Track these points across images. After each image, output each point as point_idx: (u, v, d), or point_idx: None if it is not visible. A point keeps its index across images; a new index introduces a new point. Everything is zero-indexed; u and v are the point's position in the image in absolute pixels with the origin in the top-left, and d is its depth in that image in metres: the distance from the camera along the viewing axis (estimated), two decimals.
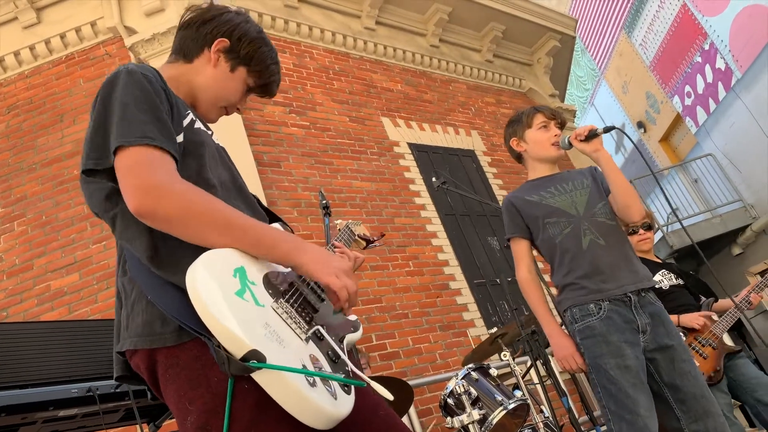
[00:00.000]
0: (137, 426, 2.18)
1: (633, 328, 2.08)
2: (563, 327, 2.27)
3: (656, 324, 2.11)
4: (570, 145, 2.27)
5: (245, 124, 5.00)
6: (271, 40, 5.64)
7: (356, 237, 1.63)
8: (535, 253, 2.38)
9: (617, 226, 2.25)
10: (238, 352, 0.89)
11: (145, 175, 1.02)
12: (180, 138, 1.15)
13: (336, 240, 1.56)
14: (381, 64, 6.76)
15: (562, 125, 2.41)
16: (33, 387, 1.91)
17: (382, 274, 5.07)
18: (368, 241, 1.66)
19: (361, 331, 1.22)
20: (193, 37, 1.34)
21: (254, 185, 4.69)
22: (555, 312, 2.36)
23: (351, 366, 1.06)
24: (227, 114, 1.41)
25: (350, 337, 1.20)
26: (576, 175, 2.37)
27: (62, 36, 5.13)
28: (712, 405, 2.01)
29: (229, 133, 4.80)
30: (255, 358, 0.88)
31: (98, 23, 5.18)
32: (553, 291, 2.45)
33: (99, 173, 1.08)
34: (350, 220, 1.70)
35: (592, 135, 2.20)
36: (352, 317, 1.24)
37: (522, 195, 2.36)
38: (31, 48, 5.08)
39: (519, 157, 2.50)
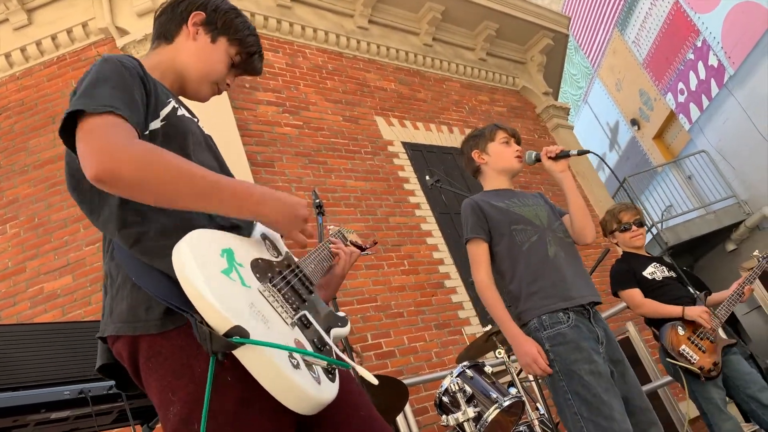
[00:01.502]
0: (131, 427, 2.17)
1: (594, 339, 2.12)
2: None
3: (609, 338, 2.18)
4: (535, 160, 2.34)
5: (238, 125, 4.99)
6: (264, 39, 5.56)
7: (348, 243, 1.62)
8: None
9: (573, 243, 2.34)
10: (221, 328, 0.87)
11: (103, 137, 0.98)
12: (157, 124, 1.14)
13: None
14: (374, 63, 6.76)
15: (518, 144, 2.50)
16: (24, 389, 1.90)
17: (377, 273, 5.07)
18: (361, 249, 1.65)
19: (348, 327, 1.21)
20: (169, 18, 1.35)
21: None
22: None
23: (338, 352, 1.05)
24: (218, 92, 1.40)
25: (337, 331, 1.19)
26: (530, 195, 2.45)
27: (53, 37, 5.10)
28: (654, 415, 2.11)
29: (222, 133, 4.79)
30: (238, 334, 0.87)
31: (90, 24, 5.15)
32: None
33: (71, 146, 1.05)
34: (342, 227, 1.69)
35: (562, 155, 2.27)
36: (341, 313, 1.24)
37: (487, 200, 2.38)
38: (22, 49, 5.06)
39: (476, 171, 2.55)
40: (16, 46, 5.04)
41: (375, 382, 0.97)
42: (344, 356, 1.00)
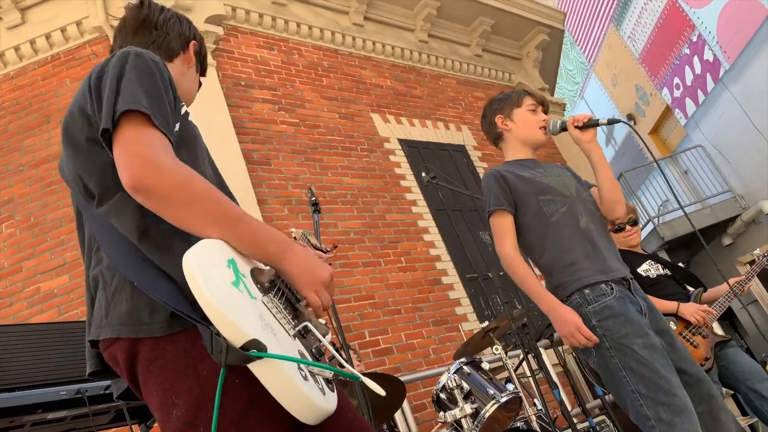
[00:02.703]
0: (128, 427, 2.17)
1: (638, 310, 1.99)
2: None
3: (651, 309, 2.06)
4: (561, 129, 2.21)
5: (234, 122, 4.98)
6: (259, 37, 5.55)
7: (311, 246, 1.63)
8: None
9: (602, 218, 2.21)
10: (238, 341, 0.88)
11: (146, 150, 0.99)
12: (176, 127, 1.14)
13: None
14: (370, 60, 6.75)
15: (546, 113, 2.35)
16: (21, 390, 1.90)
17: (374, 270, 5.07)
18: (322, 252, 1.66)
19: (330, 336, 1.21)
20: (174, 38, 1.37)
21: (244, 183, 4.67)
22: None
23: (340, 359, 1.05)
24: None
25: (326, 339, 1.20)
26: (554, 166, 2.32)
27: (47, 36, 5.08)
28: (713, 387, 1.96)
29: (217, 132, 4.78)
30: (255, 347, 0.87)
31: (84, 23, 5.13)
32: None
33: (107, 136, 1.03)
34: (304, 230, 1.70)
35: (591, 123, 2.13)
36: (321, 321, 1.24)
37: (512, 170, 2.22)
38: (16, 48, 5.03)
39: (498, 137, 2.37)
40: (9, 45, 5.02)
41: (382, 393, 0.98)
42: (352, 369, 1.01)
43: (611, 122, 2.14)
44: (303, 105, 5.69)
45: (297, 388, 0.90)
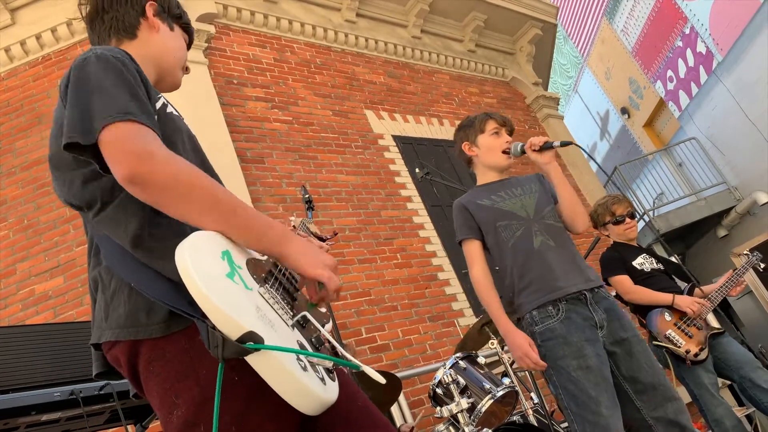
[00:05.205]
0: (123, 427, 2.17)
1: (591, 325, 2.11)
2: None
3: (611, 318, 2.16)
4: (522, 152, 2.34)
5: (227, 121, 4.96)
6: (251, 35, 5.53)
7: (311, 234, 1.62)
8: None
9: (564, 228, 2.33)
10: (234, 334, 0.86)
11: (138, 142, 0.98)
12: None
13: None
14: (363, 57, 6.73)
15: (511, 132, 2.48)
16: (15, 392, 1.89)
17: (370, 267, 5.06)
18: (321, 239, 1.65)
19: (330, 325, 1.21)
20: (125, 12, 1.32)
21: (238, 182, 4.66)
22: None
23: (340, 349, 1.05)
24: (186, 72, 1.43)
25: (326, 328, 1.20)
26: (524, 181, 2.44)
27: (38, 37, 5.05)
28: (669, 390, 2.08)
29: (210, 130, 4.77)
30: (252, 339, 0.86)
31: (74, 23, 5.10)
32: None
33: (82, 150, 1.02)
34: (304, 218, 1.69)
35: (546, 147, 2.27)
36: (322, 309, 1.24)
37: (473, 199, 2.40)
38: (6, 50, 5.00)
39: (469, 162, 2.56)
40: (0, 47, 4.99)
41: (383, 381, 0.97)
42: (350, 357, 1.00)
43: (564, 144, 2.30)
44: (296, 102, 5.68)
45: (295, 379, 0.89)
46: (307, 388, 0.90)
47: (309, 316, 1.06)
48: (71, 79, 1.08)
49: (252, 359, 0.88)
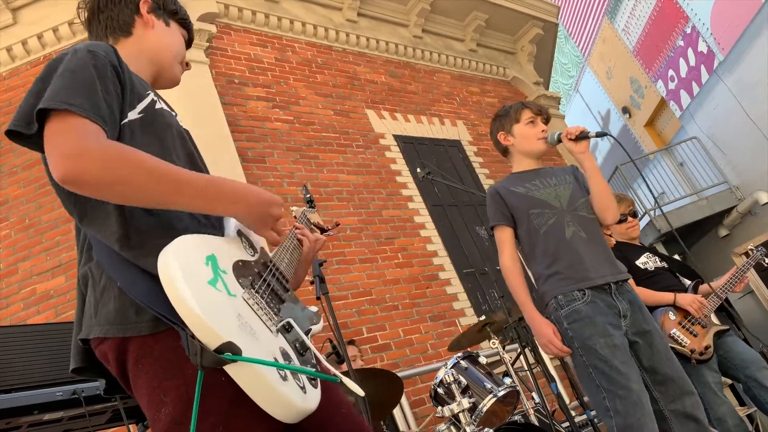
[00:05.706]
0: (125, 427, 2.17)
1: (615, 313, 2.16)
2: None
3: (634, 310, 2.19)
4: (558, 140, 2.35)
5: (228, 120, 4.96)
6: (252, 34, 5.52)
7: (312, 225, 1.63)
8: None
9: (596, 220, 2.35)
10: (212, 344, 0.87)
11: (68, 139, 0.97)
12: (134, 115, 1.13)
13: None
14: (364, 56, 6.73)
15: (547, 121, 2.48)
16: (17, 391, 1.89)
17: (371, 266, 5.07)
18: (322, 230, 1.66)
19: (321, 324, 1.20)
20: (119, 10, 1.33)
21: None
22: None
23: (320, 358, 1.05)
24: (187, 68, 1.44)
25: (314, 329, 1.20)
26: (559, 172, 2.45)
27: (39, 36, 5.05)
28: (688, 384, 2.13)
29: (212, 130, 4.77)
30: (229, 350, 0.87)
31: (76, 22, 5.10)
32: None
33: (26, 139, 1.03)
34: (305, 208, 1.70)
35: (582, 136, 2.28)
36: (313, 308, 1.23)
37: (508, 186, 2.41)
38: (8, 49, 5.00)
39: (505, 151, 2.56)
40: (1, 47, 4.99)
41: (361, 393, 0.98)
42: (331, 368, 1.00)
43: (599, 135, 2.31)
44: (297, 102, 5.68)
45: (272, 390, 0.90)
46: (283, 398, 0.91)
47: (292, 323, 1.06)
48: (42, 70, 1.10)
49: (230, 369, 0.89)
